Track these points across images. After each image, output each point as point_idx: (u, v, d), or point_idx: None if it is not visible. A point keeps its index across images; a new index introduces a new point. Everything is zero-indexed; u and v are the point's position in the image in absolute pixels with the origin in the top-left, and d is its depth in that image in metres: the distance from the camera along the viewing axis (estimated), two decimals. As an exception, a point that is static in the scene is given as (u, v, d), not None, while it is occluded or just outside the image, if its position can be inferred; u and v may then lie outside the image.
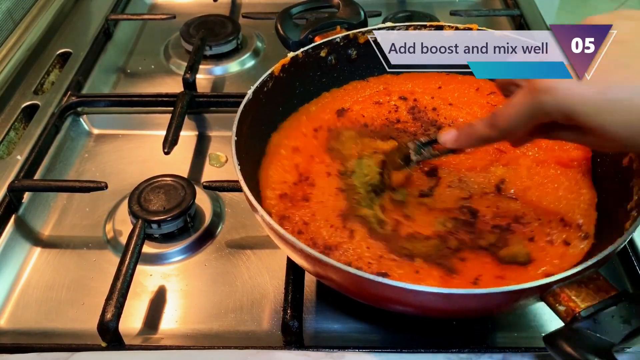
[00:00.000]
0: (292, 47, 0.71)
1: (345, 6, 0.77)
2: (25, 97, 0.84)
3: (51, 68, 0.91)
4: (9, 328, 0.59)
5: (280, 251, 0.64)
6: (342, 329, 0.58)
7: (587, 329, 0.42)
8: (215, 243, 0.67)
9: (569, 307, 0.43)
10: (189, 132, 0.82)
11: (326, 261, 0.45)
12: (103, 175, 0.76)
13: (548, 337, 0.44)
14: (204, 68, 0.92)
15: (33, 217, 0.70)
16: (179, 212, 0.65)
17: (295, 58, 0.66)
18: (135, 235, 0.62)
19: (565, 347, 0.42)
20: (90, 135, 0.83)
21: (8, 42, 0.92)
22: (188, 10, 1.07)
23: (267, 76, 0.63)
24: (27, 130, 0.78)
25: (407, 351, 0.52)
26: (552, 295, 0.44)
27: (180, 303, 0.61)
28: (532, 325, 0.58)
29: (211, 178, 0.69)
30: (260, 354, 0.52)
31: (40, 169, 0.74)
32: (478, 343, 0.55)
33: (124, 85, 0.92)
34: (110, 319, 0.54)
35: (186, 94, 0.81)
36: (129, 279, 0.58)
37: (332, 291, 0.60)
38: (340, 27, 0.73)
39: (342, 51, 0.70)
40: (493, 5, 1.09)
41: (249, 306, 0.60)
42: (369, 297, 0.51)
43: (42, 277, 0.64)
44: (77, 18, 1.03)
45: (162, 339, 0.58)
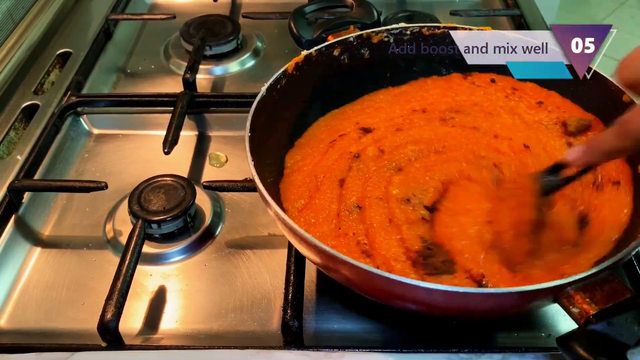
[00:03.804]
0: (305, 45, 0.72)
1: (358, 6, 0.77)
2: (25, 97, 0.84)
3: (51, 68, 0.91)
4: (9, 328, 0.59)
5: (280, 251, 0.64)
6: (342, 329, 0.58)
7: (600, 332, 0.42)
8: (215, 243, 0.67)
9: (582, 309, 0.43)
10: (189, 132, 0.82)
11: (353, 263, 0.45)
12: (103, 175, 0.76)
13: (561, 339, 0.44)
14: (204, 68, 0.92)
15: (33, 217, 0.70)
16: (179, 212, 0.65)
17: (309, 56, 0.66)
18: (135, 235, 0.62)
19: (579, 349, 0.42)
20: (90, 135, 0.83)
21: (8, 42, 0.92)
22: (188, 10, 1.07)
23: (280, 74, 0.63)
24: (27, 130, 0.78)
25: (407, 351, 0.52)
26: (566, 297, 0.44)
27: (180, 303, 0.61)
28: (532, 326, 0.58)
29: (211, 178, 0.69)
30: (260, 354, 0.52)
31: (40, 169, 0.74)
32: (478, 343, 0.55)
33: (124, 85, 0.92)
34: (110, 319, 0.54)
35: (186, 94, 0.81)
36: (129, 279, 0.58)
37: (332, 291, 0.60)
38: (353, 26, 0.73)
39: (355, 51, 0.70)
40: (493, 5, 1.09)
41: (249, 306, 0.60)
42: (378, 294, 0.51)
43: (42, 277, 0.64)
44: (77, 18, 1.03)
45: (162, 339, 0.58)
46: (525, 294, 0.43)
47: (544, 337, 0.57)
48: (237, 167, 0.77)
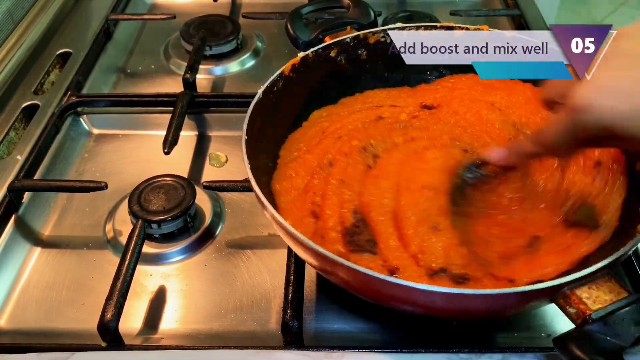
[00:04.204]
0: (302, 47, 0.72)
1: (355, 6, 0.77)
2: (25, 97, 0.84)
3: (51, 68, 0.91)
4: (9, 328, 0.59)
5: (280, 251, 0.64)
6: (342, 329, 0.58)
7: (597, 332, 0.41)
8: (215, 243, 0.67)
9: (579, 309, 0.43)
10: (189, 132, 0.82)
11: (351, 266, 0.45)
12: (103, 175, 0.76)
13: (558, 340, 0.44)
14: (204, 68, 0.92)
15: (33, 217, 0.70)
16: (179, 212, 0.65)
17: (305, 58, 0.66)
18: (135, 235, 0.62)
19: (575, 350, 0.42)
20: (90, 135, 0.83)
21: (8, 42, 0.92)
22: (188, 10, 1.07)
23: (277, 76, 0.63)
24: (27, 130, 0.78)
25: (407, 351, 0.52)
26: (563, 297, 0.44)
27: (180, 303, 0.61)
28: (532, 326, 0.58)
29: (211, 178, 0.69)
30: (260, 354, 0.52)
31: (40, 169, 0.74)
32: (478, 343, 0.55)
33: (124, 85, 0.92)
34: (110, 319, 0.54)
35: (186, 94, 0.81)
36: (129, 279, 0.58)
37: (332, 291, 0.60)
38: (350, 27, 0.73)
39: (352, 51, 0.70)
40: (493, 5, 1.09)
41: (249, 306, 0.60)
42: (375, 296, 0.51)
43: (42, 277, 0.64)
44: (77, 18, 1.03)
45: (162, 339, 0.58)
46: (521, 295, 0.43)
47: (543, 337, 0.57)
48: (237, 167, 0.77)
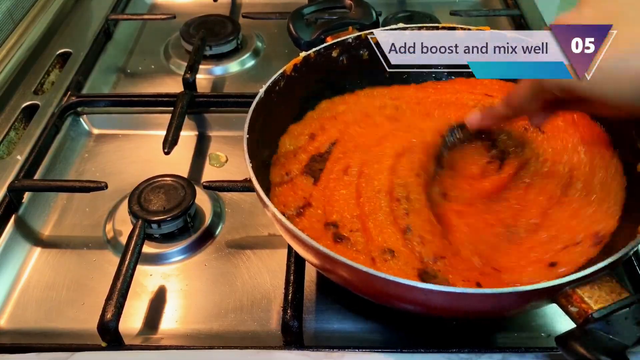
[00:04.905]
0: (303, 47, 0.72)
1: (357, 7, 0.77)
2: (25, 97, 0.84)
3: (51, 68, 0.91)
4: (9, 328, 0.59)
5: (280, 251, 0.64)
6: (342, 329, 0.58)
7: (600, 331, 0.41)
8: (215, 243, 0.67)
9: (581, 308, 0.43)
10: (189, 132, 0.82)
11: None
12: (103, 175, 0.76)
13: (560, 338, 0.44)
14: (204, 68, 0.92)
15: (33, 217, 0.70)
16: (179, 212, 0.65)
17: (307, 58, 0.66)
18: (135, 235, 0.62)
19: (580, 348, 0.42)
20: (90, 135, 0.83)
21: (8, 42, 0.92)
22: (188, 10, 1.07)
23: (279, 75, 0.63)
24: (27, 130, 0.78)
25: (407, 351, 0.52)
26: (565, 296, 0.43)
27: (180, 303, 0.61)
28: (532, 325, 0.58)
29: (211, 178, 0.69)
30: (260, 354, 0.52)
31: (40, 169, 0.74)
32: (478, 343, 0.55)
33: (124, 85, 0.92)
34: (110, 319, 0.54)
35: (186, 94, 0.81)
36: (129, 279, 0.58)
37: (332, 291, 0.60)
38: (352, 27, 0.73)
39: (353, 51, 0.70)
40: (493, 5, 1.09)
41: (249, 306, 0.60)
42: (375, 294, 0.51)
43: (42, 277, 0.64)
44: (77, 18, 1.03)
45: (162, 339, 0.58)
46: (523, 294, 0.43)
47: (543, 337, 0.57)
48: (237, 167, 0.77)
